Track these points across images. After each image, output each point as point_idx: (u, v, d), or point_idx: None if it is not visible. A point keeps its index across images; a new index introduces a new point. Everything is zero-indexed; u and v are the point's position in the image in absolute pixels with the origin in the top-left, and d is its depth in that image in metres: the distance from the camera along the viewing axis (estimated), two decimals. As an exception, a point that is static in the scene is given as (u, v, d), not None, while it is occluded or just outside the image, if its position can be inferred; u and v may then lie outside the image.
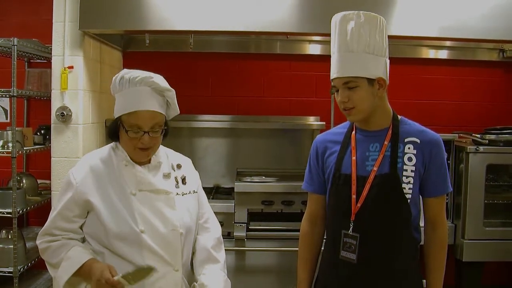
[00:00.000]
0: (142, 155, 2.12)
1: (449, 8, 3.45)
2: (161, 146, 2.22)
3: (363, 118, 2.16)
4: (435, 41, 4.37)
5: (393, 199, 2.10)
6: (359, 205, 2.11)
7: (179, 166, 2.26)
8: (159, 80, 2.10)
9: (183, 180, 2.24)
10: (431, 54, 4.56)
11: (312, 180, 2.33)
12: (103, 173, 2.10)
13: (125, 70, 2.11)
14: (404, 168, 2.11)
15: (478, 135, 3.95)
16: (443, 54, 4.56)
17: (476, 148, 3.80)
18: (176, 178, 2.22)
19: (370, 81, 2.08)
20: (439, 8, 3.45)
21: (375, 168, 2.12)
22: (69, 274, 2.01)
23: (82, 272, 2.00)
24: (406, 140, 2.14)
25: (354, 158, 2.17)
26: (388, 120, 2.19)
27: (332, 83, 2.16)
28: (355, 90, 2.08)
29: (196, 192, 2.29)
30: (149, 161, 2.17)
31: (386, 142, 2.14)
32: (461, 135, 4.14)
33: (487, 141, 3.88)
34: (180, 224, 2.12)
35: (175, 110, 2.18)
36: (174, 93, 2.14)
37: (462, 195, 3.84)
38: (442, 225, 2.20)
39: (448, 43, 4.45)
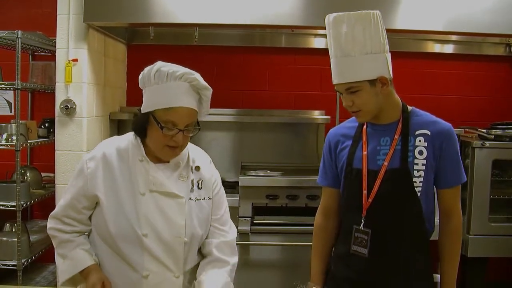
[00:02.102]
0: (170, 154, 2.02)
1: (455, 2, 3.44)
2: None
3: (371, 118, 2.15)
4: (440, 35, 4.34)
5: (403, 194, 2.09)
6: (370, 200, 2.10)
7: (197, 169, 2.14)
8: (199, 77, 1.99)
9: (199, 185, 2.13)
10: (437, 48, 4.53)
11: (326, 174, 2.32)
12: (115, 166, 2.03)
13: (161, 63, 1.98)
14: (415, 162, 2.09)
15: (484, 130, 3.93)
16: (448, 49, 4.53)
17: (482, 143, 3.78)
18: (192, 181, 2.11)
19: (372, 82, 2.05)
20: (444, 2, 3.43)
21: (385, 163, 2.10)
22: (70, 275, 2.06)
23: (82, 274, 2.04)
24: (417, 132, 2.12)
25: (365, 152, 2.15)
26: (397, 113, 2.16)
27: (335, 87, 2.14)
28: (358, 94, 2.06)
29: (211, 199, 2.16)
30: (167, 160, 2.08)
31: (396, 136, 2.12)
32: (467, 130, 4.11)
33: (493, 136, 3.86)
34: (186, 232, 2.04)
35: (207, 110, 2.06)
36: (211, 92, 2.02)
37: (468, 190, 3.82)
38: (457, 216, 2.18)
39: (453, 38, 4.42)
